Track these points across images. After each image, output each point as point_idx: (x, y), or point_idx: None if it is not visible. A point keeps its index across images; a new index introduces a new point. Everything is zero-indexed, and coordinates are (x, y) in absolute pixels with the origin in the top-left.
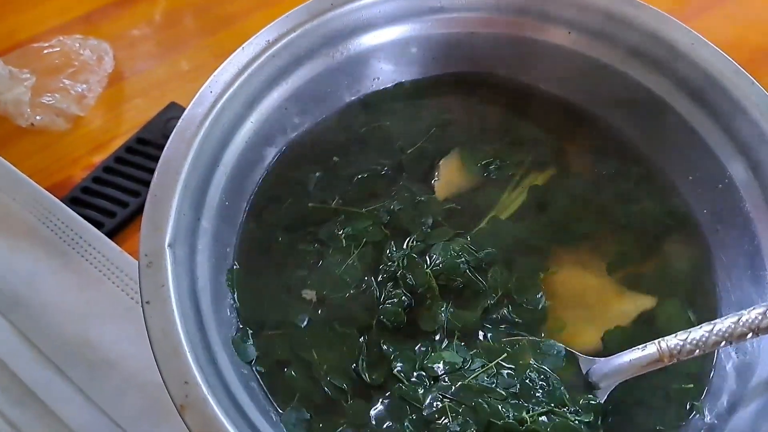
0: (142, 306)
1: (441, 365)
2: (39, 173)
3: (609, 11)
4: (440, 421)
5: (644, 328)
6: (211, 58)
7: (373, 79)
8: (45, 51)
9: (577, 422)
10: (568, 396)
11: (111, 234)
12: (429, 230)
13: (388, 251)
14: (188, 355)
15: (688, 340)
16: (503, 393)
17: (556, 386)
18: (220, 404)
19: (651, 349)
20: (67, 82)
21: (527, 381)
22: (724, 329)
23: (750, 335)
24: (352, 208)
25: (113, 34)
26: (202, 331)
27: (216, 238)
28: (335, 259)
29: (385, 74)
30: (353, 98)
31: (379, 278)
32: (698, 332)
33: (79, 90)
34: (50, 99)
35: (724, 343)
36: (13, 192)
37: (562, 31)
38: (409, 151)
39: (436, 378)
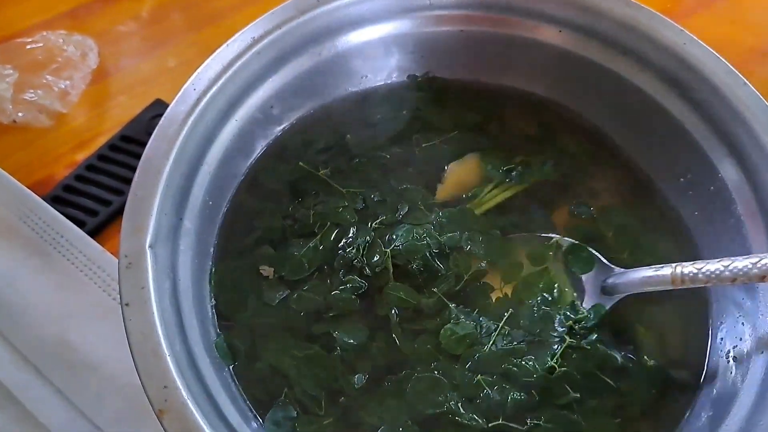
0: (122, 308)
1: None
2: (20, 171)
3: (600, 10)
4: (481, 395)
5: None
6: (197, 54)
7: (362, 77)
8: (28, 46)
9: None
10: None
11: (93, 233)
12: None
13: (350, 236)
14: (168, 358)
15: (703, 270)
16: (524, 347)
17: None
18: (200, 409)
19: (666, 270)
20: (50, 78)
21: (540, 320)
22: (739, 267)
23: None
24: (335, 183)
25: (98, 30)
26: (183, 333)
27: (199, 238)
28: (299, 241)
29: (373, 72)
30: (342, 96)
31: (334, 264)
32: (714, 265)
33: (63, 86)
34: (33, 95)
35: (736, 280)
36: None
37: (553, 30)
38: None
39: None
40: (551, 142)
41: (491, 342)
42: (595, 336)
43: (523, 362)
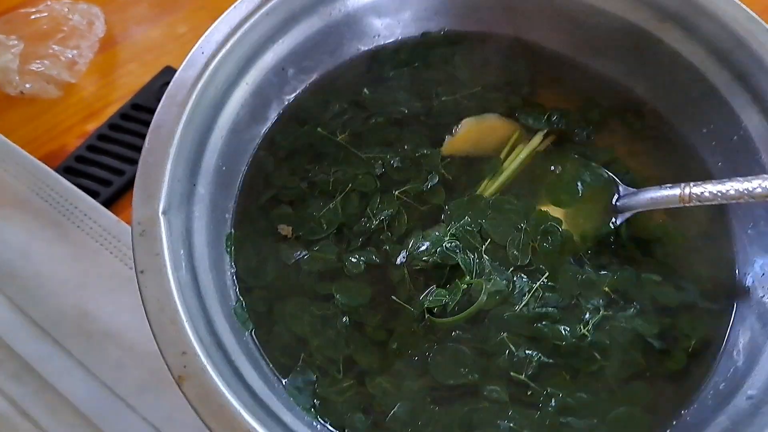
0: (137, 276)
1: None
2: (31, 143)
3: None
4: (503, 356)
5: None
6: (207, 19)
7: (374, 37)
8: (32, 16)
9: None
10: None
11: (107, 203)
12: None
13: (376, 205)
14: (185, 324)
15: (709, 189)
16: (556, 312)
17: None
18: (220, 374)
19: (674, 190)
20: (56, 48)
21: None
22: (748, 188)
23: None
24: (354, 149)
25: None
26: (201, 299)
27: (213, 204)
28: (317, 202)
29: (385, 31)
30: (354, 56)
31: (354, 229)
32: (719, 186)
33: (70, 56)
34: (40, 66)
35: (743, 199)
36: (5, 163)
37: None
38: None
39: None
40: (576, 94)
41: (523, 303)
42: (632, 310)
43: (555, 326)
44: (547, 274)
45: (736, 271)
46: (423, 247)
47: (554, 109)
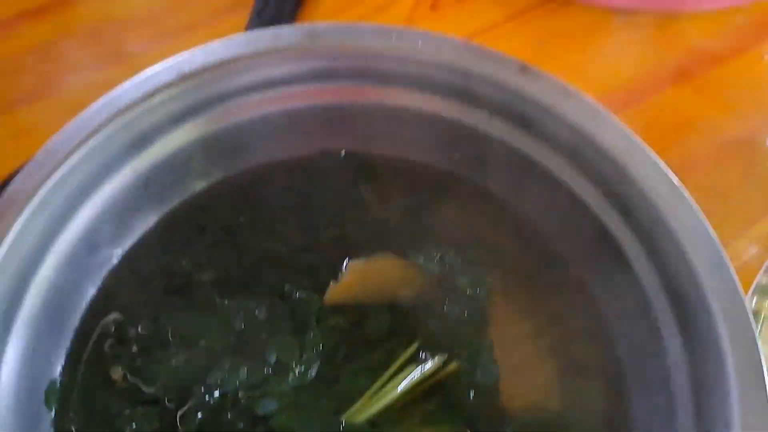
0: None
1: None
2: None
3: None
4: None
5: None
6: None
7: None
8: None
9: None
10: None
11: None
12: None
13: (215, 377)
14: None
15: None
16: None
17: None
18: None
19: None
20: None
21: None
22: None
23: None
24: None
25: None
26: None
27: (34, 346)
28: (159, 353)
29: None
30: (237, 169)
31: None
32: None
33: None
34: None
35: None
36: None
37: (483, 115)
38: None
39: None
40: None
41: None
42: None
43: None
44: None
45: None
46: None
47: (449, 245)
